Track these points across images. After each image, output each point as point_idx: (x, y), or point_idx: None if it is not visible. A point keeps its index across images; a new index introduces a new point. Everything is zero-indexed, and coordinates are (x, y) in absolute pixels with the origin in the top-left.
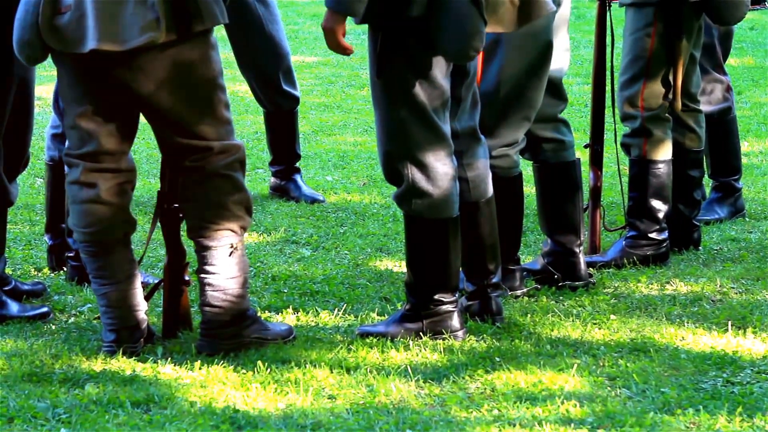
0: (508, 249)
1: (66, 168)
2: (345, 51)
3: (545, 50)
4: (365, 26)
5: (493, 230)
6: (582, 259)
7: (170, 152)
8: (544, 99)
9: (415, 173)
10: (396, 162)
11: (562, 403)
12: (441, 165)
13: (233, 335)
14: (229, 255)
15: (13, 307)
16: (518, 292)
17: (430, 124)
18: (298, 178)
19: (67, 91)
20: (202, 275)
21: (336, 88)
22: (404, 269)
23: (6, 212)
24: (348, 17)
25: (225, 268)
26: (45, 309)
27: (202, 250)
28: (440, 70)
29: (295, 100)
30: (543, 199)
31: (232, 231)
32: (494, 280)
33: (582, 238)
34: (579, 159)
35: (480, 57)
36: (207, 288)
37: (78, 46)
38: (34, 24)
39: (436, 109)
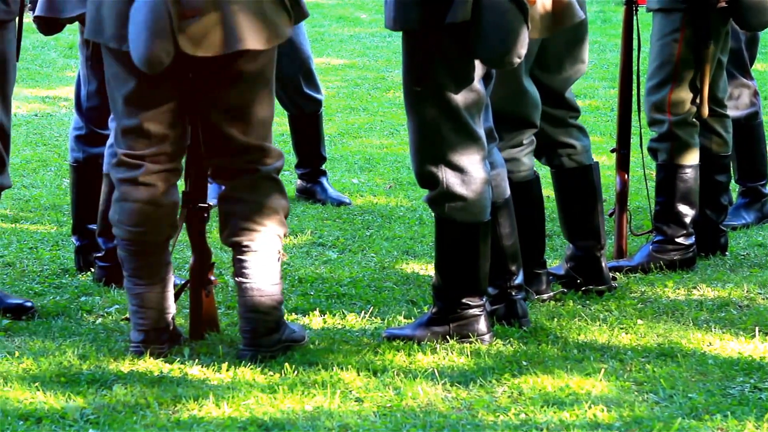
0: (532, 253)
1: (118, 167)
2: None
3: (512, 74)
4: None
5: (513, 231)
6: (604, 263)
7: (221, 150)
8: (554, 107)
9: (449, 177)
10: (430, 165)
11: (590, 407)
12: (476, 169)
13: (276, 342)
14: (277, 260)
15: None
16: (545, 296)
17: (465, 127)
18: (324, 180)
19: (135, 93)
20: (245, 279)
21: (362, 90)
22: (431, 272)
23: None
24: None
25: (271, 273)
26: (29, 303)
27: (244, 254)
28: (477, 74)
29: (318, 103)
30: (562, 205)
31: (278, 236)
32: (517, 282)
33: (604, 242)
34: (597, 163)
35: None
36: (254, 293)
37: (218, 49)
38: (169, 31)
39: (472, 112)
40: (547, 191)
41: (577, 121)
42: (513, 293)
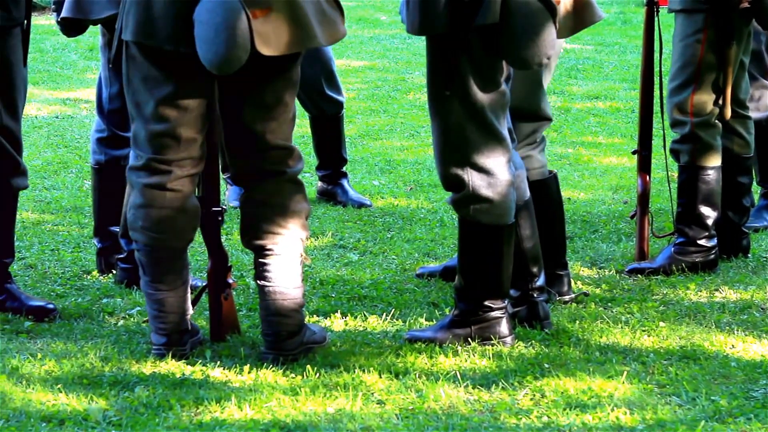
0: (553, 253)
1: (142, 171)
2: None
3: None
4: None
5: (534, 233)
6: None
7: (255, 153)
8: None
9: (475, 179)
10: (456, 168)
11: (612, 410)
12: (501, 171)
13: (298, 345)
14: (299, 264)
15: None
16: (566, 298)
17: (491, 129)
18: (345, 182)
19: (168, 99)
20: (267, 283)
21: (382, 92)
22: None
23: (17, 199)
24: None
25: (293, 277)
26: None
27: (266, 257)
28: (502, 74)
29: (339, 105)
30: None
31: (300, 239)
32: (538, 284)
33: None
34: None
35: None
36: (276, 296)
37: (288, 47)
38: (245, 30)
39: (497, 114)
40: (567, 192)
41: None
42: (535, 295)
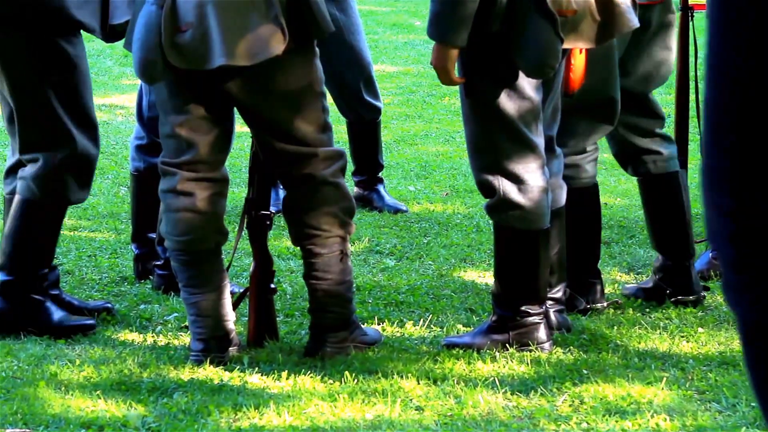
0: (586, 261)
1: (161, 176)
2: (460, 83)
3: (606, 58)
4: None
5: (559, 243)
6: (694, 273)
7: (276, 161)
8: (638, 115)
9: (506, 185)
10: (487, 175)
11: (652, 416)
12: (532, 177)
13: (342, 340)
14: (340, 261)
15: (56, 314)
16: (598, 306)
17: (520, 136)
18: (381, 188)
19: (167, 100)
20: (313, 281)
21: (417, 97)
22: (489, 280)
23: (62, 212)
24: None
25: (336, 273)
26: (89, 321)
27: (311, 257)
28: (529, 82)
29: (377, 111)
30: (649, 213)
31: (341, 237)
32: (553, 294)
33: (693, 252)
34: (683, 170)
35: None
36: (319, 293)
37: (203, 63)
38: (157, 44)
39: (527, 121)
40: (604, 198)
41: (662, 130)
42: (547, 305)
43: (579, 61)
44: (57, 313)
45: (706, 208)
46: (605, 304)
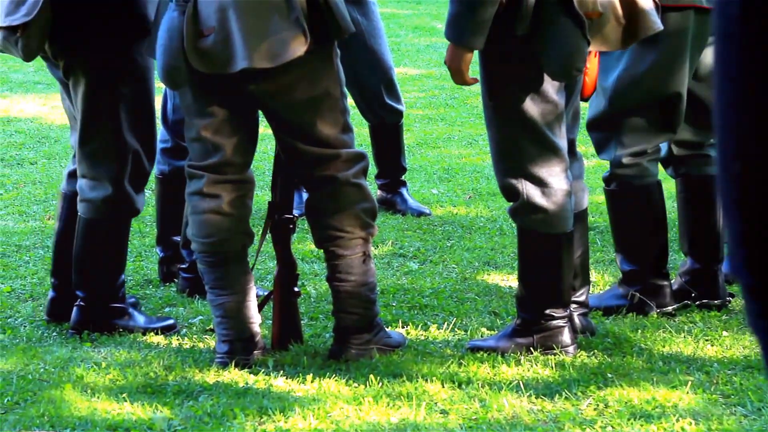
0: (653, 262)
1: (188, 180)
2: (473, 83)
3: (677, 53)
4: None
5: (582, 246)
6: (721, 278)
7: (298, 163)
8: (692, 125)
9: (529, 189)
10: (510, 178)
11: (677, 420)
12: (556, 180)
13: (366, 342)
14: (363, 262)
15: (140, 318)
16: (668, 309)
17: (543, 139)
18: (404, 191)
19: (192, 104)
20: (336, 283)
21: (439, 100)
22: (512, 283)
23: (129, 223)
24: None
25: (359, 275)
26: (171, 321)
27: (334, 259)
28: (552, 85)
29: (399, 114)
30: (682, 215)
31: (363, 239)
32: (577, 297)
33: (722, 256)
34: None
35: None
36: (343, 296)
37: (226, 67)
38: (180, 49)
39: (550, 124)
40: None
41: (712, 140)
42: (571, 308)
43: (593, 66)
44: (140, 317)
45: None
46: (675, 306)
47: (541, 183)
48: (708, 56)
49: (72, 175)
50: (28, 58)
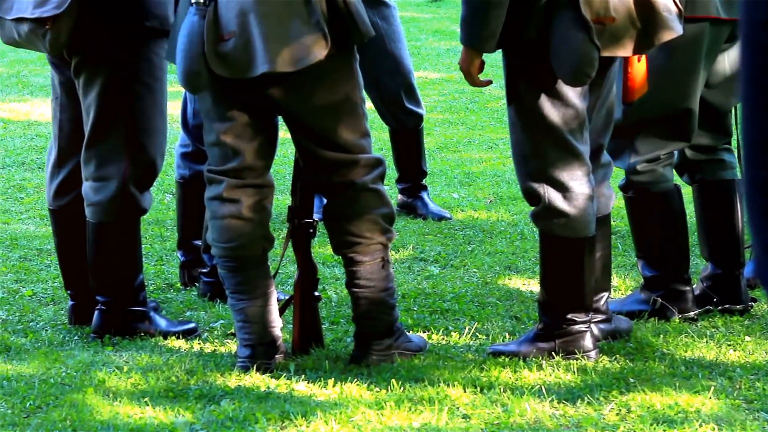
0: (674, 267)
1: (207, 185)
2: (484, 85)
3: (691, 65)
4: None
5: (604, 251)
6: (743, 282)
7: (317, 168)
8: (707, 130)
9: (551, 193)
10: (532, 182)
11: (700, 425)
12: (578, 185)
13: (387, 347)
14: (382, 268)
15: (161, 322)
16: (690, 314)
17: (564, 144)
18: (425, 195)
19: (212, 108)
20: (355, 289)
21: (460, 104)
22: (533, 288)
23: (138, 223)
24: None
25: (378, 281)
26: (193, 325)
27: (353, 265)
28: (573, 89)
29: (419, 118)
30: (701, 220)
31: (382, 245)
32: (596, 304)
33: (743, 261)
34: (740, 180)
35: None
36: (362, 301)
37: (247, 71)
38: (200, 53)
39: (572, 128)
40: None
41: (725, 144)
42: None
43: (638, 70)
44: (162, 321)
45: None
46: (697, 311)
47: (562, 187)
48: (719, 64)
49: (59, 192)
50: (54, 52)
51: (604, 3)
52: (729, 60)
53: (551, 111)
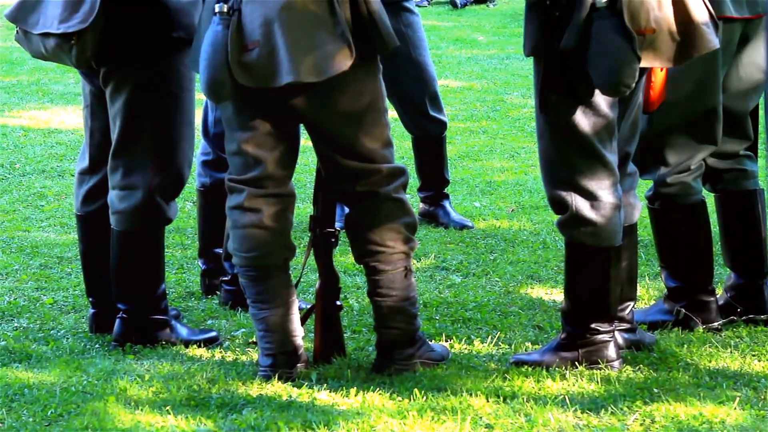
0: (699, 278)
1: (228, 194)
2: None
3: (710, 67)
4: (508, 51)
5: (629, 261)
6: (766, 291)
7: (339, 177)
8: (726, 135)
9: (578, 202)
10: (559, 190)
11: None
12: (605, 194)
13: (409, 356)
14: (404, 277)
15: (182, 330)
16: (714, 325)
17: (594, 152)
18: (446, 204)
19: (234, 117)
20: (377, 298)
21: (481, 113)
22: (556, 297)
23: (162, 232)
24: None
25: (400, 290)
26: (214, 333)
27: (375, 274)
28: (605, 98)
29: (443, 125)
30: (724, 230)
31: (405, 254)
32: (621, 313)
33: (767, 271)
34: (762, 189)
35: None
36: (385, 311)
37: (271, 81)
38: (224, 62)
39: (601, 137)
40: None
41: (746, 150)
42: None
43: (659, 79)
44: (183, 329)
45: None
46: (721, 322)
47: (590, 196)
48: (733, 67)
49: (87, 198)
50: (80, 66)
51: (646, 14)
52: (743, 63)
53: (582, 120)
